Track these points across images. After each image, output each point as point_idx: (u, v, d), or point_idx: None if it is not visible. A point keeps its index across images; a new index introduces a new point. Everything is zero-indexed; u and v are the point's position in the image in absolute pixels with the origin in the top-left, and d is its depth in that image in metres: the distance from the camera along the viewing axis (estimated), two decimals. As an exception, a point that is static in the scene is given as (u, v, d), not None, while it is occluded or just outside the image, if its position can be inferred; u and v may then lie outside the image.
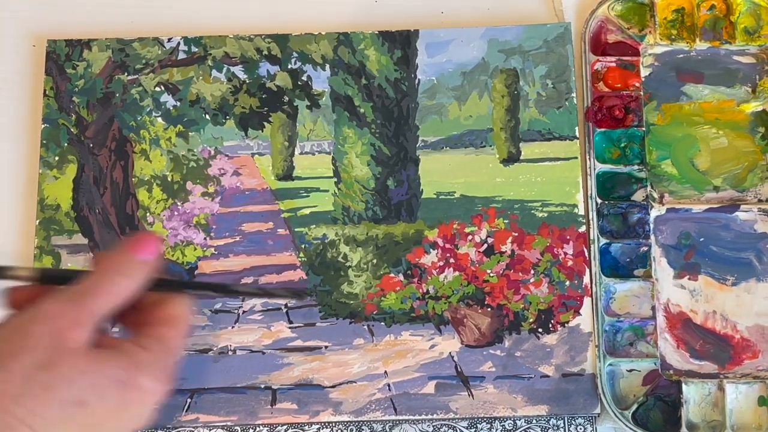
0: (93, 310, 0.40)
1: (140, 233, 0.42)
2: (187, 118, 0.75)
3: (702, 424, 0.67)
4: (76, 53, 0.76)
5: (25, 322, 0.39)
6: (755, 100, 0.74)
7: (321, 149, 0.75)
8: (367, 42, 0.76)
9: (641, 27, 0.75)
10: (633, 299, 0.70)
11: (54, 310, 0.39)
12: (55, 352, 0.38)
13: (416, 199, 0.73)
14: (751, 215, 0.71)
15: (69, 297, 0.40)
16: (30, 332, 0.38)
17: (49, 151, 0.74)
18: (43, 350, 0.38)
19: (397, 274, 0.71)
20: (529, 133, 0.74)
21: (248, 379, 0.69)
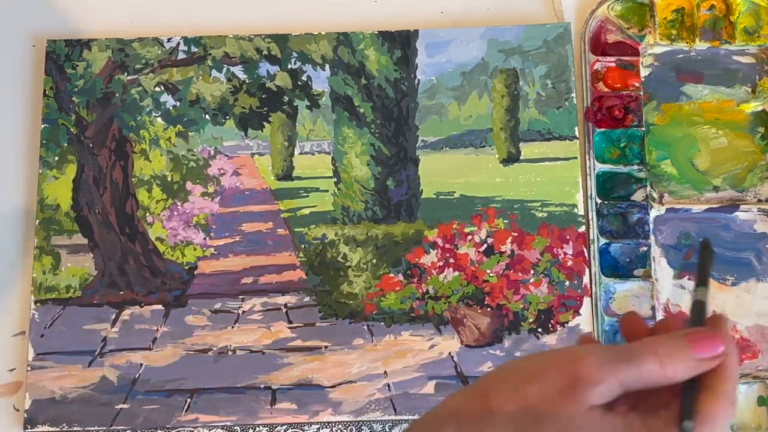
0: (620, 378, 0.39)
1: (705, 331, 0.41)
2: (186, 118, 0.75)
3: (702, 424, 0.67)
4: (75, 53, 0.76)
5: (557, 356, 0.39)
6: (755, 100, 0.74)
7: (321, 149, 0.75)
8: (366, 42, 0.76)
9: (641, 27, 0.75)
10: (633, 299, 0.70)
11: (587, 360, 0.39)
12: (561, 396, 0.38)
13: (416, 199, 0.73)
14: (750, 215, 0.71)
15: (612, 356, 0.39)
16: (553, 367, 0.39)
17: (49, 151, 0.74)
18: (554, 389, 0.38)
19: (397, 274, 0.71)
20: (529, 133, 0.74)
21: (248, 379, 0.69)
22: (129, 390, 0.69)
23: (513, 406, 0.38)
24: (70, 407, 0.68)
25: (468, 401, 0.40)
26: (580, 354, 0.39)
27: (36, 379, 0.69)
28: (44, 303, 0.71)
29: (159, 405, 0.68)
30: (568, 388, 0.38)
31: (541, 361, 0.40)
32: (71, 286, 0.72)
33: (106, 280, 0.72)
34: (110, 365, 0.70)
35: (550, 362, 0.39)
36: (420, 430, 0.40)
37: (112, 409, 0.68)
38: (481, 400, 0.39)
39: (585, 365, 0.38)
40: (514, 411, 0.38)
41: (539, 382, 0.38)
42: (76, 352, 0.70)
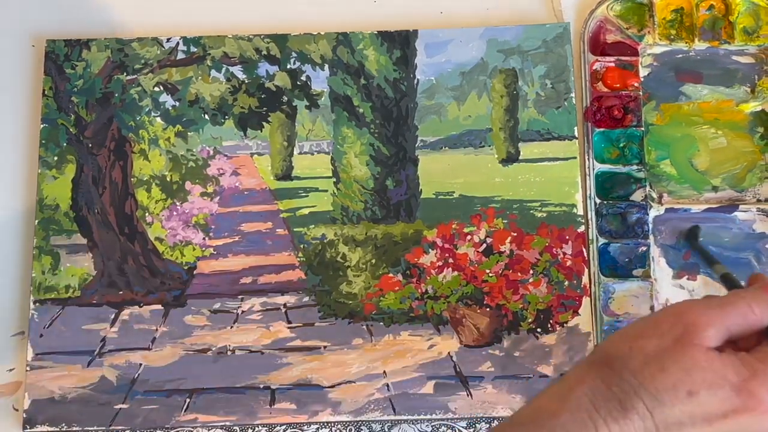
0: (725, 321, 0.43)
1: None
2: (186, 118, 0.75)
3: (701, 424, 0.67)
4: (75, 53, 0.76)
5: (662, 313, 0.44)
6: (754, 100, 0.74)
7: (320, 149, 0.75)
8: (366, 42, 0.76)
9: (640, 27, 0.75)
10: (632, 299, 0.70)
11: (693, 309, 0.44)
12: (678, 342, 0.42)
13: (415, 199, 0.73)
14: (750, 215, 0.71)
15: (709, 303, 0.44)
16: (662, 321, 0.43)
17: (48, 151, 0.74)
18: (670, 338, 0.42)
19: (396, 274, 0.71)
20: (528, 133, 0.74)
21: (247, 379, 0.69)
22: (128, 390, 0.69)
23: (636, 362, 0.42)
24: (70, 407, 0.68)
25: (591, 371, 0.43)
26: (683, 307, 0.44)
27: (35, 379, 0.69)
28: (43, 303, 0.71)
29: (158, 405, 0.68)
30: (683, 335, 0.42)
31: (648, 322, 0.44)
32: (70, 286, 0.72)
33: (106, 280, 0.72)
34: (109, 365, 0.70)
35: (657, 320, 0.44)
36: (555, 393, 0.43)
37: (112, 409, 0.68)
38: (604, 366, 0.43)
39: (692, 314, 0.43)
40: (638, 366, 0.42)
41: (655, 338, 0.43)
42: (75, 352, 0.70)
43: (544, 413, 0.42)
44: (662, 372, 0.42)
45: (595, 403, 0.41)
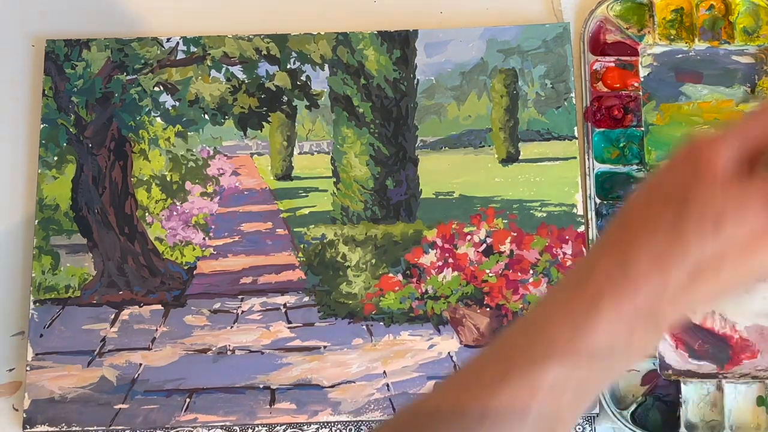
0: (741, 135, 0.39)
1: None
2: (186, 118, 0.75)
3: (701, 423, 0.67)
4: (75, 53, 0.76)
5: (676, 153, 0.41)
6: (754, 100, 0.74)
7: (320, 149, 0.75)
8: (366, 42, 0.76)
9: (640, 27, 0.75)
10: (632, 299, 0.70)
11: (705, 136, 0.40)
12: (692, 175, 0.39)
13: (415, 199, 0.73)
14: (749, 215, 0.71)
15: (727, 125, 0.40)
16: (674, 161, 0.40)
17: (48, 151, 0.74)
18: (682, 171, 0.39)
19: (396, 274, 0.71)
20: (528, 133, 0.74)
21: (247, 379, 0.69)
22: (128, 390, 0.69)
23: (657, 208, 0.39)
24: (69, 407, 0.68)
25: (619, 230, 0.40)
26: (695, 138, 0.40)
27: (35, 379, 0.69)
28: (43, 303, 0.71)
29: (158, 405, 0.68)
30: (695, 165, 0.39)
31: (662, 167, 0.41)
32: (70, 286, 0.72)
33: (105, 280, 0.72)
34: (109, 365, 0.70)
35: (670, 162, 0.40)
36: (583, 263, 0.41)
37: (111, 409, 0.68)
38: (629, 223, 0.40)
39: (702, 140, 0.40)
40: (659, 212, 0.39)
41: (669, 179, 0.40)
42: (75, 352, 0.70)
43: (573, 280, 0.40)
44: (682, 212, 0.38)
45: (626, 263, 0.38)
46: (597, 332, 0.38)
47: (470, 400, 0.39)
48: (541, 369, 0.38)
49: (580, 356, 0.38)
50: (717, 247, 0.38)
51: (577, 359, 0.38)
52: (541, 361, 0.38)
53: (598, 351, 0.38)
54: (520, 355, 0.39)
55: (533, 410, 0.38)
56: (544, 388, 0.38)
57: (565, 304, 0.40)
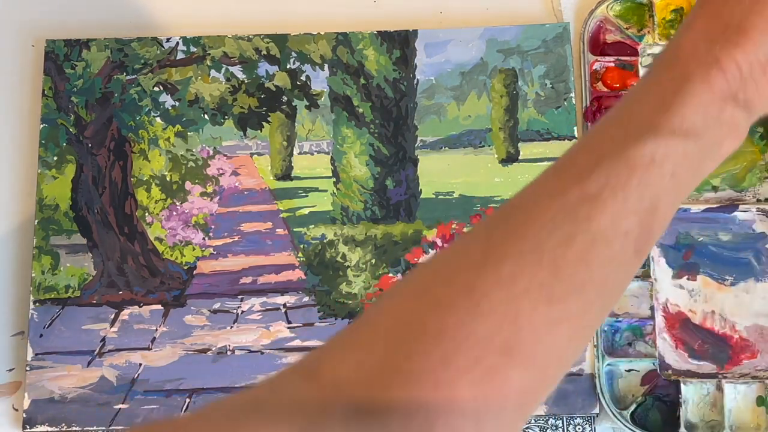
0: None
1: None
2: (185, 118, 0.75)
3: (700, 424, 0.67)
4: (74, 53, 0.76)
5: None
6: (754, 100, 0.74)
7: (320, 149, 0.75)
8: (365, 42, 0.76)
9: (640, 27, 0.75)
10: (631, 299, 0.70)
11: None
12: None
13: (415, 199, 0.73)
14: (749, 215, 0.71)
15: None
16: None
17: (48, 151, 0.74)
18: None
19: (396, 274, 0.71)
20: (528, 133, 0.74)
21: (247, 379, 0.69)
22: (128, 390, 0.69)
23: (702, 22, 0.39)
24: (69, 407, 0.68)
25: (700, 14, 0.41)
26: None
27: (35, 379, 0.69)
28: (43, 303, 0.71)
29: (158, 405, 0.68)
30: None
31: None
32: (70, 286, 0.72)
33: (105, 280, 0.72)
34: (109, 365, 0.70)
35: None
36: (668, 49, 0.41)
37: (111, 409, 0.68)
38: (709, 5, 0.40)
39: None
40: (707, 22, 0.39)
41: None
42: (75, 352, 0.70)
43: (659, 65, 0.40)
44: None
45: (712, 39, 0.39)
46: (689, 106, 0.38)
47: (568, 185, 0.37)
48: (636, 145, 0.37)
49: (675, 132, 0.37)
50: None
51: (672, 134, 0.37)
52: (636, 138, 0.37)
53: (693, 127, 0.37)
54: (611, 138, 0.38)
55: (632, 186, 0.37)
56: (642, 164, 0.37)
57: (654, 85, 0.39)
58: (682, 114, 0.38)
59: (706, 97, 0.38)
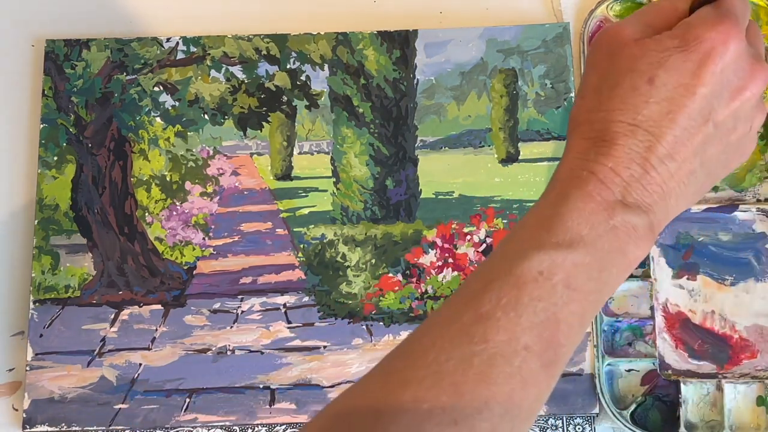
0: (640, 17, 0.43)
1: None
2: (185, 118, 0.75)
3: (700, 423, 0.67)
4: (74, 53, 0.76)
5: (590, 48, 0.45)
6: (754, 100, 0.74)
7: (320, 149, 0.75)
8: (365, 42, 0.76)
9: (640, 27, 0.75)
10: (631, 299, 0.70)
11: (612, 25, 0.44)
12: (611, 55, 0.42)
13: (415, 199, 0.73)
14: (749, 215, 0.71)
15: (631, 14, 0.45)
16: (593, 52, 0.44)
17: (48, 151, 0.74)
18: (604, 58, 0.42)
19: (396, 274, 0.71)
20: (528, 133, 0.74)
21: (247, 379, 0.69)
22: (128, 390, 0.69)
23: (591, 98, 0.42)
24: (69, 407, 0.68)
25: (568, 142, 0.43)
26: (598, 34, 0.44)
27: (35, 379, 0.69)
28: (43, 303, 0.71)
29: (158, 405, 0.68)
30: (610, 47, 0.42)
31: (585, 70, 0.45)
32: (70, 286, 0.72)
33: (105, 280, 0.72)
34: (109, 365, 0.70)
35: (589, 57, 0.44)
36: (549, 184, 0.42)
37: (111, 409, 0.68)
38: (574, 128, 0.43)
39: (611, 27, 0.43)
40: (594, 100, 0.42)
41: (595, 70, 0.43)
42: (75, 352, 0.70)
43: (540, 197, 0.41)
44: (616, 86, 0.40)
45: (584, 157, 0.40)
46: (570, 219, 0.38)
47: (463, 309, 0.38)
48: (521, 262, 0.38)
49: (559, 244, 0.38)
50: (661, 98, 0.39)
51: (556, 246, 0.38)
52: (521, 256, 0.38)
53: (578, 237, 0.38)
54: (500, 261, 0.39)
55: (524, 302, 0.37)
56: (530, 279, 0.37)
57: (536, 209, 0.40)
58: (565, 227, 0.38)
59: (588, 208, 0.38)
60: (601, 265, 0.38)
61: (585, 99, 0.42)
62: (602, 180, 0.39)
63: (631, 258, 0.39)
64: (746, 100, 0.41)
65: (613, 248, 0.39)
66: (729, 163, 0.44)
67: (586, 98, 0.42)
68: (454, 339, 0.37)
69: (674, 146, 0.40)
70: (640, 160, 0.39)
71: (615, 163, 0.39)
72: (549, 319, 0.37)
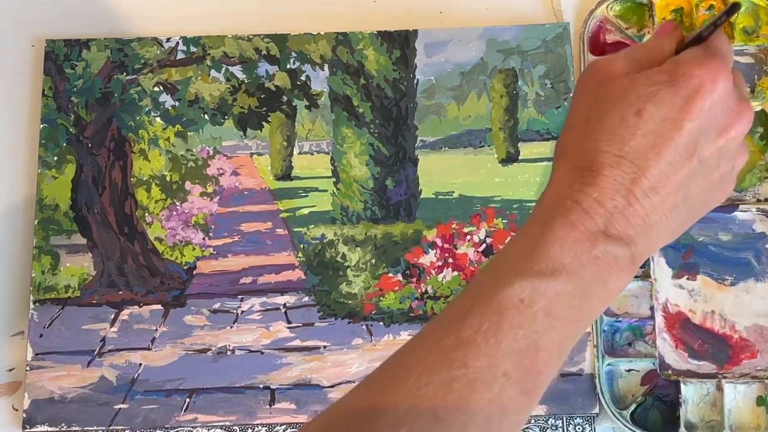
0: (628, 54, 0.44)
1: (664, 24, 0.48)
2: (185, 118, 0.75)
3: (700, 423, 0.67)
4: (74, 53, 0.76)
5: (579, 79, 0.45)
6: (754, 100, 0.74)
7: (320, 149, 0.75)
8: (365, 42, 0.76)
9: (640, 27, 0.75)
10: (631, 299, 0.70)
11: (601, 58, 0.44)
12: (600, 86, 0.42)
13: (415, 199, 0.73)
14: (749, 215, 0.71)
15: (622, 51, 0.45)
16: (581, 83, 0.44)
17: (48, 151, 0.74)
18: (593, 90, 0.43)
19: (396, 274, 0.71)
20: (528, 133, 0.74)
21: (247, 379, 0.69)
22: (128, 390, 0.69)
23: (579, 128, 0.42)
24: (69, 407, 0.68)
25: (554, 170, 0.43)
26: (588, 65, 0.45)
27: (35, 379, 0.69)
28: (43, 303, 0.71)
29: (158, 405, 0.68)
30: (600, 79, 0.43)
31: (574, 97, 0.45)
32: (70, 286, 0.72)
33: (105, 280, 0.72)
34: (109, 365, 0.70)
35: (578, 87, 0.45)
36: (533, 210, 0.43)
37: (111, 409, 0.68)
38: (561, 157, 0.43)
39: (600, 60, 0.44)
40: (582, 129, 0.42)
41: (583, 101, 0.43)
42: (75, 352, 0.70)
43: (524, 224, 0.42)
44: (604, 117, 0.41)
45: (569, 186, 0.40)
46: (554, 247, 0.39)
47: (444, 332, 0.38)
48: (503, 289, 0.38)
49: (542, 272, 0.38)
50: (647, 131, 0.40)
51: (539, 275, 0.38)
52: (504, 282, 0.38)
53: (561, 266, 0.38)
54: (484, 285, 0.39)
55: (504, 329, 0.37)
56: (511, 306, 0.37)
57: (522, 233, 0.41)
58: (548, 255, 0.38)
59: (571, 237, 0.39)
60: (582, 294, 0.39)
61: (573, 128, 0.43)
62: (586, 210, 0.39)
63: (612, 288, 0.40)
64: (732, 138, 0.42)
65: (595, 278, 0.39)
66: (710, 201, 0.44)
67: (574, 127, 0.43)
68: (435, 363, 0.37)
69: (659, 179, 0.40)
70: (624, 192, 0.40)
71: (599, 194, 0.39)
72: (529, 347, 0.38)
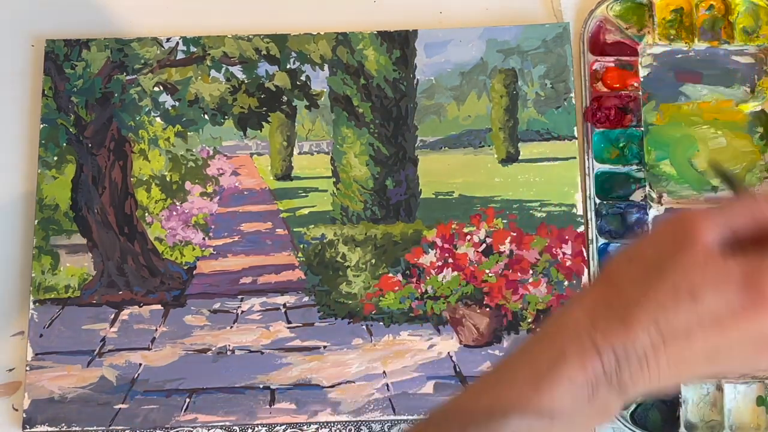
0: (727, 218, 0.40)
1: None
2: (185, 118, 0.75)
3: (700, 423, 0.67)
4: (74, 53, 0.76)
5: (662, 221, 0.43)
6: (754, 100, 0.74)
7: (320, 149, 0.75)
8: (365, 42, 0.76)
9: (640, 27, 0.76)
10: (631, 299, 0.70)
11: (693, 211, 0.41)
12: (678, 244, 0.39)
13: (415, 199, 0.73)
14: (749, 215, 0.71)
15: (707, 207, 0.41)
16: (662, 229, 0.41)
17: (48, 151, 0.74)
18: (669, 243, 0.40)
19: (396, 274, 0.71)
20: (528, 133, 0.74)
21: (247, 379, 0.69)
22: (128, 390, 0.69)
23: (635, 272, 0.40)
24: (69, 407, 0.68)
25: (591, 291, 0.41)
26: (682, 212, 0.41)
27: (35, 379, 0.69)
28: (43, 303, 0.71)
29: (158, 405, 0.68)
30: (682, 237, 0.39)
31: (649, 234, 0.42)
32: (70, 286, 0.72)
33: (105, 280, 0.72)
34: (109, 365, 0.70)
35: (657, 230, 0.42)
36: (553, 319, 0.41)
37: (111, 409, 0.68)
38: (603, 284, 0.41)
39: (691, 215, 0.40)
40: (637, 275, 0.40)
41: (654, 246, 0.40)
42: (75, 352, 0.70)
43: (540, 337, 0.41)
44: (661, 277, 0.39)
45: (594, 322, 0.39)
46: (559, 388, 0.38)
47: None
48: (500, 421, 0.38)
49: (542, 413, 0.38)
50: (691, 316, 0.38)
51: (538, 415, 0.38)
52: (502, 413, 0.38)
53: (560, 408, 0.38)
54: (482, 407, 0.39)
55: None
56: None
57: (532, 355, 0.40)
58: (551, 395, 0.38)
59: (579, 380, 0.39)
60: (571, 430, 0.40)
61: (632, 265, 0.41)
62: (601, 355, 0.39)
63: (590, 427, 0.41)
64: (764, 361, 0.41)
65: (584, 422, 0.40)
66: None
67: (633, 266, 0.41)
68: None
69: (676, 362, 0.39)
70: (641, 355, 0.39)
71: (620, 346, 0.39)
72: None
